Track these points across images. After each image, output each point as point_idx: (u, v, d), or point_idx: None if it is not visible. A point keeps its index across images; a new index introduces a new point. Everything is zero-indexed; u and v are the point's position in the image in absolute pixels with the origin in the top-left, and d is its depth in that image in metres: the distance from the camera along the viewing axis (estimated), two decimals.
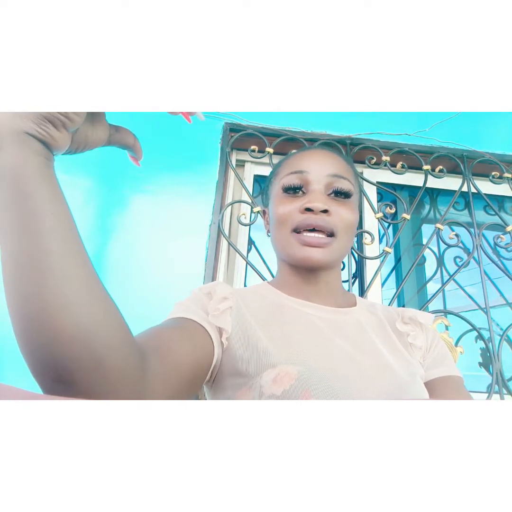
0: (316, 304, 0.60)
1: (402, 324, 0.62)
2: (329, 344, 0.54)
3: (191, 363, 0.45)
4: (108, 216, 1.28)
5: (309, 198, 0.58)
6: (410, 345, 0.60)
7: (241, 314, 0.55)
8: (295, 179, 0.60)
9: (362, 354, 0.54)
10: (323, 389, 0.47)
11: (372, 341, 0.58)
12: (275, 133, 1.41)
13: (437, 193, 1.60)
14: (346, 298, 0.66)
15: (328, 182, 0.60)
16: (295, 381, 0.47)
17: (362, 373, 0.51)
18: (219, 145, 1.40)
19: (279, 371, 0.48)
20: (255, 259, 1.33)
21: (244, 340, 0.52)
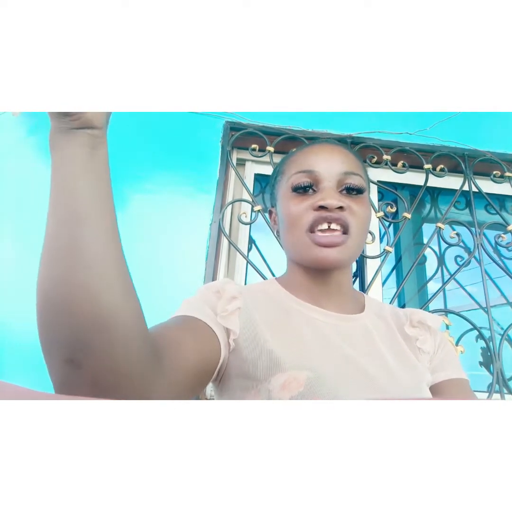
0: (324, 309, 0.59)
1: (410, 328, 0.61)
2: (336, 350, 0.53)
3: (197, 362, 0.44)
4: None
5: (322, 196, 0.56)
6: (418, 350, 0.60)
7: (249, 315, 0.55)
8: (305, 177, 0.58)
9: (369, 361, 0.54)
10: (330, 396, 0.47)
11: (379, 348, 0.57)
12: (276, 132, 1.41)
13: (438, 192, 1.59)
14: (356, 300, 0.64)
15: (339, 178, 0.58)
16: (303, 388, 0.47)
17: (368, 381, 0.51)
18: (220, 143, 1.40)
19: (288, 376, 0.48)
20: (256, 258, 1.33)
21: (252, 342, 0.52)
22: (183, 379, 0.41)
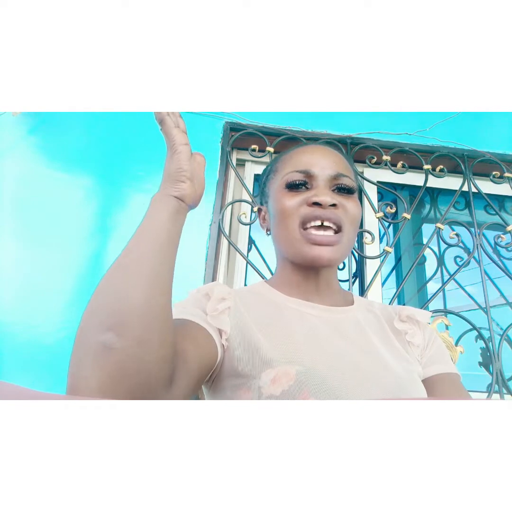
0: (315, 303, 0.60)
1: (399, 323, 0.63)
2: (327, 343, 0.54)
3: (198, 365, 0.45)
4: (108, 215, 1.28)
5: (316, 192, 0.58)
6: (408, 343, 0.61)
7: (239, 314, 0.55)
8: (300, 176, 0.60)
9: (360, 352, 0.54)
10: (322, 388, 0.48)
11: (370, 339, 0.58)
12: (275, 133, 1.41)
13: (437, 193, 1.59)
14: (344, 296, 0.66)
15: (332, 178, 0.60)
16: (294, 381, 0.47)
17: (360, 371, 0.51)
18: (220, 144, 1.40)
19: (278, 371, 0.48)
20: (256, 258, 1.33)
21: (242, 340, 0.52)
22: (189, 385, 0.43)
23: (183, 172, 0.46)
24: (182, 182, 0.46)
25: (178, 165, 0.46)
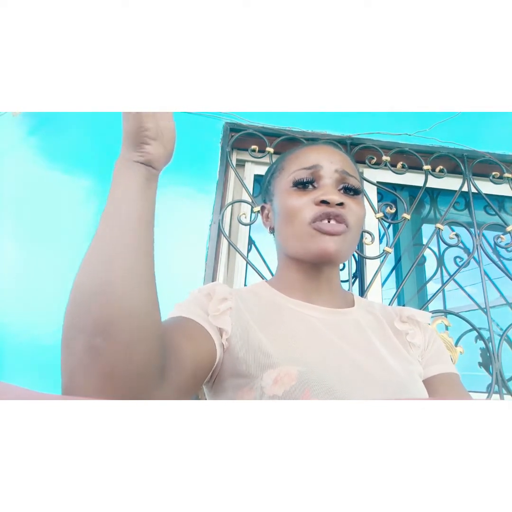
0: (315, 305, 0.60)
1: (400, 323, 0.63)
2: (328, 344, 0.54)
3: (193, 362, 0.45)
4: None
5: (323, 191, 0.58)
6: (408, 344, 0.61)
7: (241, 314, 0.55)
8: (307, 174, 0.60)
9: (361, 353, 0.54)
10: (323, 389, 0.48)
11: (371, 340, 0.58)
12: (275, 133, 1.41)
13: (437, 193, 1.59)
14: (345, 296, 0.66)
15: (338, 177, 0.60)
16: (296, 381, 0.47)
17: (361, 372, 0.52)
18: (220, 144, 1.40)
19: (280, 371, 0.48)
20: (255, 258, 1.33)
21: (244, 340, 0.52)
22: (181, 382, 0.42)
23: (145, 131, 0.38)
24: (146, 145, 0.39)
25: (138, 123, 0.38)
